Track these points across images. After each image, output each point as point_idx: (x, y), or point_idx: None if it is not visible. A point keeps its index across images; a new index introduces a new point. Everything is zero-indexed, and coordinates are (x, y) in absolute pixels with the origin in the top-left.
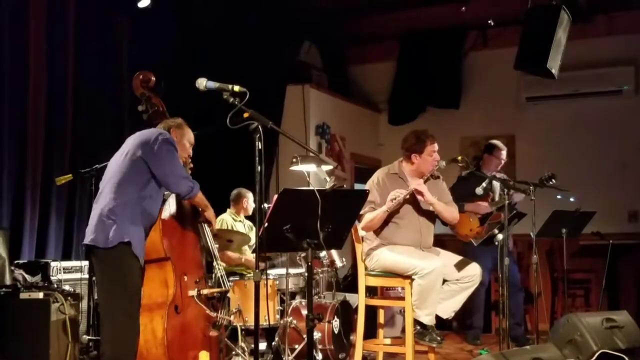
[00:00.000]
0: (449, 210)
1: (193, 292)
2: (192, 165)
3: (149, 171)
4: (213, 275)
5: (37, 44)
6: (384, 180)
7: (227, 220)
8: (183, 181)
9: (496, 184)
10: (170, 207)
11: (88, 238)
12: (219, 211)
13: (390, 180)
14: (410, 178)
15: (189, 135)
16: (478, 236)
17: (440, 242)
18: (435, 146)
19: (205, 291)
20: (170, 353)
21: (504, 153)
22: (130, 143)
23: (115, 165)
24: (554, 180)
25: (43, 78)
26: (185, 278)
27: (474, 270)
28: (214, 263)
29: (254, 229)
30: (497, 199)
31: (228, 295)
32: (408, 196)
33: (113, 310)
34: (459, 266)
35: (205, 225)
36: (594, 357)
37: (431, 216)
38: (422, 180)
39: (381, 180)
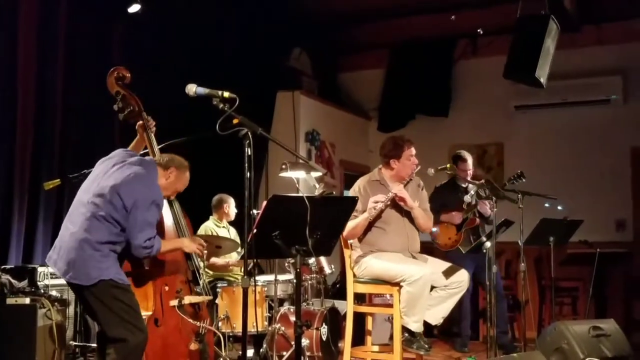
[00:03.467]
0: (425, 218)
1: (174, 302)
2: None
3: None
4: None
5: (27, 48)
6: (366, 188)
7: (210, 227)
8: (141, 250)
9: (470, 190)
10: None
11: (65, 275)
12: (205, 219)
13: (372, 187)
14: (391, 183)
15: (184, 181)
16: (457, 244)
17: (428, 249)
18: (413, 150)
19: (186, 300)
20: None
21: (468, 164)
22: (116, 177)
23: (99, 192)
24: (523, 179)
25: (32, 82)
26: (166, 288)
27: (462, 276)
28: (197, 273)
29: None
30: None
31: (216, 302)
32: (389, 202)
33: (117, 327)
34: (447, 273)
35: (193, 256)
36: None
37: None
38: (402, 185)
39: (362, 189)
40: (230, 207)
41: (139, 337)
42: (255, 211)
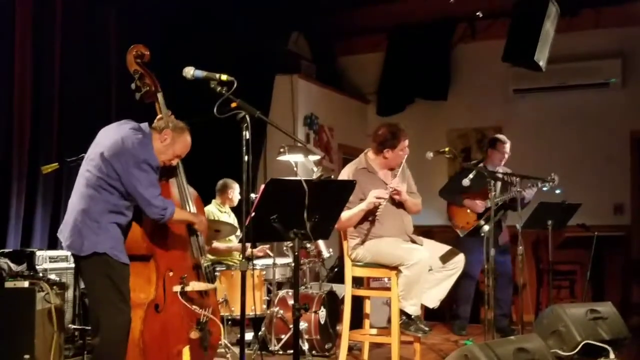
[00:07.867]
0: (415, 204)
1: (177, 289)
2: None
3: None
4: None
5: (24, 32)
6: (355, 176)
7: (212, 211)
8: (152, 209)
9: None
10: None
11: (65, 242)
12: (205, 202)
13: (360, 175)
14: (379, 170)
15: (183, 144)
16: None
17: (429, 233)
18: (407, 141)
19: (189, 288)
20: (148, 354)
21: (507, 146)
22: (104, 143)
23: (91, 160)
24: (554, 182)
25: (29, 65)
26: (171, 274)
27: (458, 257)
28: (201, 260)
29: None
30: (497, 194)
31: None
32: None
33: (97, 305)
34: (443, 254)
35: (198, 235)
36: (578, 348)
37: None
38: (397, 178)
39: (352, 177)
40: (235, 193)
41: (119, 319)
42: (253, 195)
